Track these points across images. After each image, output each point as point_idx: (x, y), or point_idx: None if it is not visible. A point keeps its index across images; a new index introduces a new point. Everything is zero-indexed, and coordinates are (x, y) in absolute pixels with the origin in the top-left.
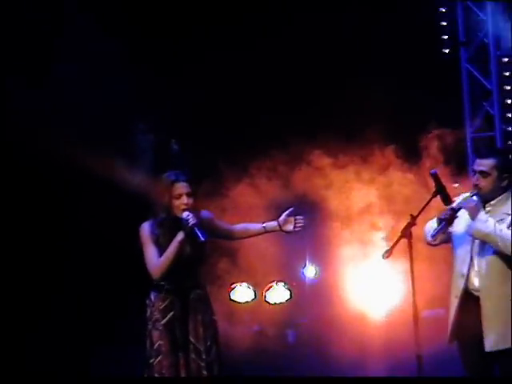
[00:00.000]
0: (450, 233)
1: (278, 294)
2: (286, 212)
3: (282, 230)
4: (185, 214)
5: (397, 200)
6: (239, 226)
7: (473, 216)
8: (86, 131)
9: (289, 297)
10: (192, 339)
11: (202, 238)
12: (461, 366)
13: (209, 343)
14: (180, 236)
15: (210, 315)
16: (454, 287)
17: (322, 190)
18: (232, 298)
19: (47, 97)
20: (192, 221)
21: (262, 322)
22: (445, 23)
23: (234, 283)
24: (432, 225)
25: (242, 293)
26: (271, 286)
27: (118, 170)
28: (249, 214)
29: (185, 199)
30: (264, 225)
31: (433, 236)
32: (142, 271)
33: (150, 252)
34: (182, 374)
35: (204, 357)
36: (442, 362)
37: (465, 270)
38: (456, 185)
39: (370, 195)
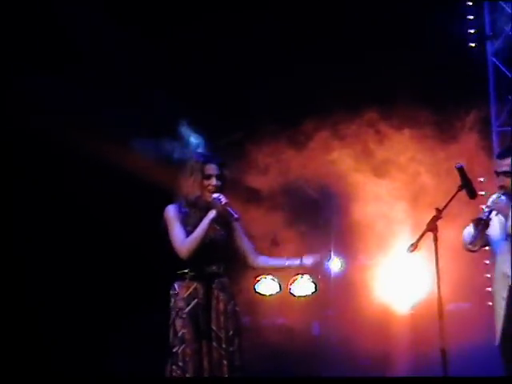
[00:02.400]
0: (488, 236)
1: (303, 286)
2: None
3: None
4: (215, 195)
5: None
6: (260, 259)
7: (506, 215)
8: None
9: (314, 290)
10: (214, 327)
11: (236, 216)
12: (483, 359)
13: (231, 333)
14: (212, 214)
15: (233, 306)
16: (499, 289)
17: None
18: (257, 290)
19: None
20: (224, 200)
21: (286, 315)
22: (471, 17)
23: (258, 275)
24: (469, 230)
25: (266, 285)
26: (296, 279)
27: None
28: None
29: (214, 181)
30: (287, 263)
31: (472, 242)
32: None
33: (178, 231)
34: (205, 362)
35: (225, 346)
36: (466, 356)
37: (508, 270)
38: (482, 179)
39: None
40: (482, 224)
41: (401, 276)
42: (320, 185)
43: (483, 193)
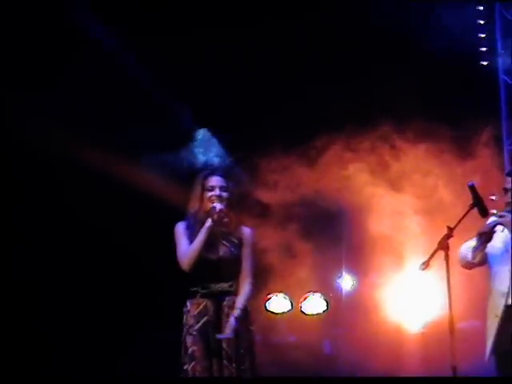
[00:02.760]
0: (486, 253)
1: (315, 304)
2: None
3: None
4: (214, 204)
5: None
6: (246, 287)
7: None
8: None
9: (325, 308)
10: (224, 345)
11: (226, 219)
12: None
13: (242, 351)
14: (208, 223)
15: (246, 325)
16: (494, 306)
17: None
18: (268, 308)
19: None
20: (219, 206)
21: (298, 333)
22: (483, 35)
23: (270, 293)
24: (468, 246)
25: (278, 303)
26: (307, 297)
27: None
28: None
29: (217, 191)
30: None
31: (474, 251)
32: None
33: (182, 244)
34: None
35: (235, 365)
36: (476, 374)
37: (505, 288)
38: (493, 197)
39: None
40: (485, 235)
41: (412, 294)
42: (333, 200)
43: (495, 211)
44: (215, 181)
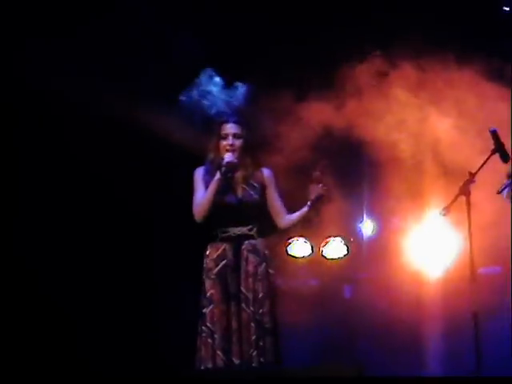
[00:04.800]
0: None
1: (335, 249)
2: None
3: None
4: (226, 154)
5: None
6: (286, 217)
7: None
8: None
9: (346, 252)
10: (243, 289)
11: (229, 174)
12: None
13: (261, 295)
14: (217, 175)
15: (265, 268)
16: None
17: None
18: (289, 252)
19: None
20: (227, 158)
21: (318, 277)
22: None
23: (290, 238)
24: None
25: (299, 247)
26: (328, 241)
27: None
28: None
29: (230, 140)
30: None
31: (504, 191)
32: None
33: (197, 194)
34: (233, 324)
35: (253, 308)
36: (497, 319)
37: None
38: None
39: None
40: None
41: (433, 239)
42: (356, 136)
43: None
44: (229, 128)
